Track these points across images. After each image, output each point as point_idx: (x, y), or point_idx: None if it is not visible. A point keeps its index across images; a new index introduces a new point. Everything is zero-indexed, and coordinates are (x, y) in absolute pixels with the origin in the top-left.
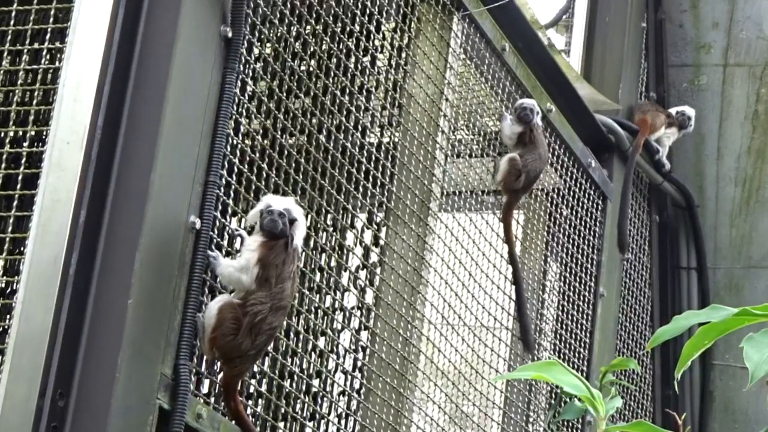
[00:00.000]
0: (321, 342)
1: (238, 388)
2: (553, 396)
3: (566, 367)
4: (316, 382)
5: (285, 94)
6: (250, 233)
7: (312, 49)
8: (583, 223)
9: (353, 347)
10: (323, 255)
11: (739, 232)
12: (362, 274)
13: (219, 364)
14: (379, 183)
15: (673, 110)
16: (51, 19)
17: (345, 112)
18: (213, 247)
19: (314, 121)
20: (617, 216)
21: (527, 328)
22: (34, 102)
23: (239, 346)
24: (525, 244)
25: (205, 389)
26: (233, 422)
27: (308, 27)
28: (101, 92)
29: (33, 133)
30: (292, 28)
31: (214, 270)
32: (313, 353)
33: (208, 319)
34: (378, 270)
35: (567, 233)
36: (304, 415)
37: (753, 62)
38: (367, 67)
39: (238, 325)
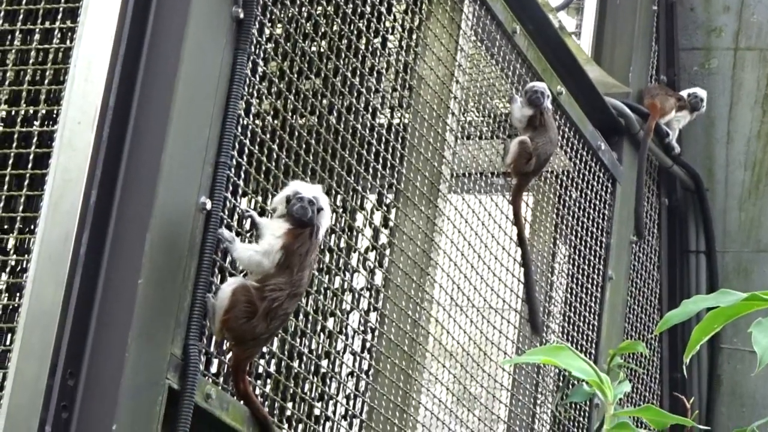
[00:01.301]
0: (330, 323)
1: (247, 369)
2: (561, 378)
3: (575, 351)
4: (324, 362)
5: (296, 75)
6: (261, 215)
7: (323, 30)
8: (592, 205)
9: (362, 328)
10: (333, 236)
11: (749, 216)
12: (371, 255)
13: (228, 345)
14: (389, 164)
15: (684, 92)
16: None
17: (355, 94)
18: (225, 229)
19: (325, 102)
20: (627, 199)
21: (536, 311)
22: (46, 81)
23: (253, 329)
24: (534, 226)
25: (214, 369)
26: (242, 402)
27: (319, 8)
28: (113, 72)
29: (44, 112)
30: (303, 9)
31: (231, 252)
32: (321, 334)
33: (220, 300)
34: (387, 251)
35: (576, 216)
36: (313, 395)
37: (764, 46)
38: (377, 48)
39: (252, 309)
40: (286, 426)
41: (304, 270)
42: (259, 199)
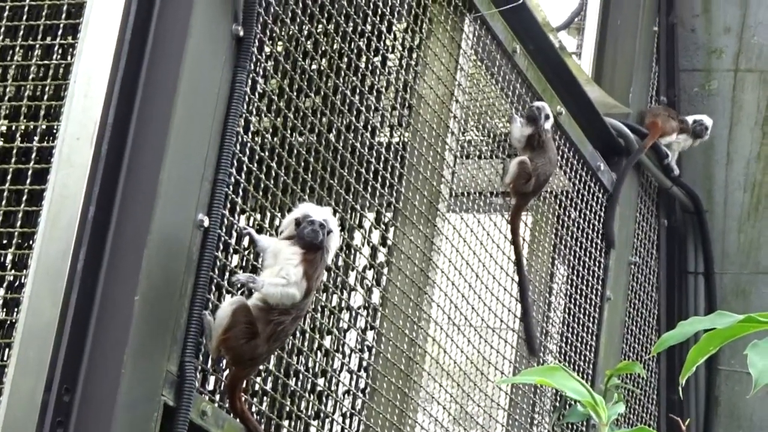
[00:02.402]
0: (327, 341)
1: (243, 387)
2: (558, 398)
3: (570, 372)
4: (321, 380)
5: (295, 93)
6: (258, 233)
7: (323, 49)
8: (591, 225)
9: (359, 347)
10: None
11: (747, 237)
12: (369, 273)
13: (225, 362)
14: (387, 183)
15: (690, 118)
16: (63, 15)
17: (355, 112)
18: (240, 273)
19: (324, 120)
20: (626, 220)
21: (532, 333)
22: (45, 97)
23: (254, 350)
24: (532, 246)
25: (210, 387)
26: (237, 420)
27: (320, 26)
28: (112, 89)
29: (43, 128)
30: (303, 27)
31: (257, 290)
32: (318, 352)
33: (220, 319)
34: (385, 270)
35: (574, 236)
36: (309, 413)
37: (764, 68)
38: (377, 67)
39: (253, 330)
40: None
41: (311, 293)
42: (258, 216)
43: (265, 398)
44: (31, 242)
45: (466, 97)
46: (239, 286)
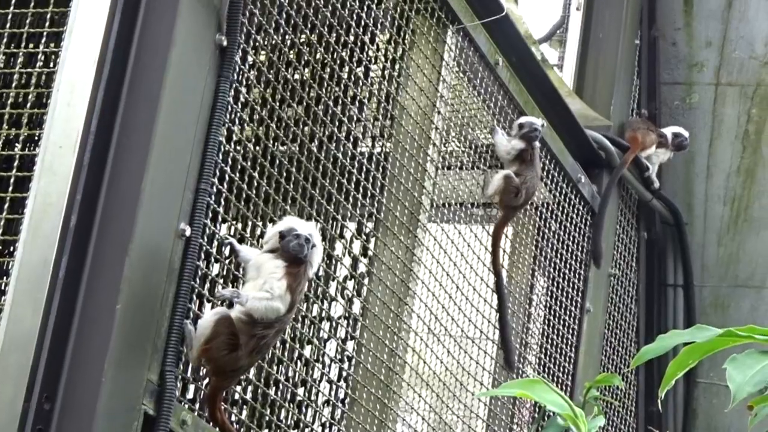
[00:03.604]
0: (307, 351)
1: (223, 396)
2: (537, 410)
3: (549, 385)
4: (300, 390)
5: (278, 103)
6: (240, 242)
7: (306, 59)
8: (571, 238)
9: (339, 357)
10: None
11: (727, 250)
12: (350, 284)
13: (205, 371)
14: (369, 193)
15: (669, 131)
16: (47, 23)
17: (337, 122)
18: (224, 289)
19: (306, 130)
20: (607, 232)
21: (510, 348)
22: (28, 105)
23: (236, 362)
24: (513, 258)
25: (190, 396)
26: (217, 430)
27: (303, 36)
28: (95, 97)
29: (26, 135)
30: (286, 36)
31: (241, 305)
32: (298, 362)
33: (203, 329)
34: (366, 280)
35: (555, 248)
36: (288, 423)
37: (745, 82)
38: (360, 77)
39: (235, 342)
40: None
41: (294, 306)
42: (239, 226)
43: (244, 407)
44: (12, 250)
45: (448, 109)
46: (221, 302)
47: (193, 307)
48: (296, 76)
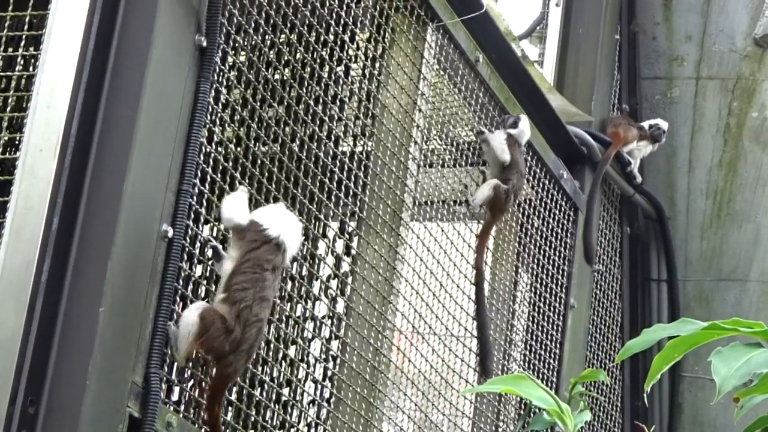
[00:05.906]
0: (291, 351)
1: (226, 391)
2: (523, 406)
3: (535, 381)
4: (286, 390)
5: (258, 103)
6: (222, 243)
7: (286, 59)
8: (554, 234)
9: (323, 356)
10: (295, 263)
11: (710, 244)
12: (333, 283)
13: (201, 369)
14: (351, 192)
15: (646, 123)
16: (26, 26)
17: (318, 122)
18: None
19: (287, 130)
20: (594, 228)
21: (488, 350)
22: (8, 108)
23: (230, 336)
24: (496, 255)
25: (175, 398)
26: (203, 430)
27: (282, 36)
28: (75, 100)
29: (6, 139)
30: (266, 37)
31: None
32: (283, 362)
33: (188, 326)
34: (349, 279)
35: (538, 244)
36: (274, 423)
37: (725, 75)
38: (340, 77)
39: (225, 324)
40: None
41: (265, 271)
42: (222, 226)
43: (230, 408)
44: None
45: (429, 107)
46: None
47: (176, 308)
48: (276, 76)
